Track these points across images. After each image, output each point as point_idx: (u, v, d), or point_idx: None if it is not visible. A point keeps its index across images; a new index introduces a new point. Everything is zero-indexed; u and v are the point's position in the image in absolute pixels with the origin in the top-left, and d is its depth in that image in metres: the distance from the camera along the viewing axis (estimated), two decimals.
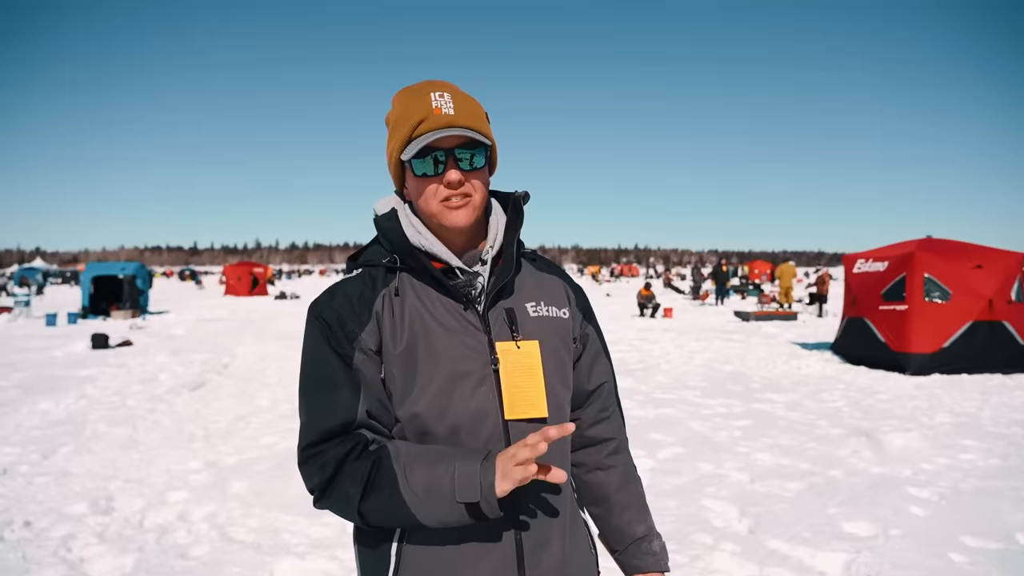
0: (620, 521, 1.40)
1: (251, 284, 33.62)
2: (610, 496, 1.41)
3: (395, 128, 1.24)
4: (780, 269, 24.05)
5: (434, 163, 1.21)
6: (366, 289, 1.25)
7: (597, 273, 62.10)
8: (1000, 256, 10.12)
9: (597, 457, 1.42)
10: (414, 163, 1.22)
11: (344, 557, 3.62)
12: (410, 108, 1.22)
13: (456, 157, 1.21)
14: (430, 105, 1.20)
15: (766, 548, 3.73)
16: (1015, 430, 6.44)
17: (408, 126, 1.20)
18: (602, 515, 1.42)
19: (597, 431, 1.43)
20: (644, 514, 1.42)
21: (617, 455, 1.44)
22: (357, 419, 1.17)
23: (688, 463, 5.34)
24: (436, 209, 1.23)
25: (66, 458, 5.48)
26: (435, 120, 1.19)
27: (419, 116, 1.20)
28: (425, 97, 1.21)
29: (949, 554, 3.63)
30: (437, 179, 1.22)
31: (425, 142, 1.19)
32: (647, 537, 1.39)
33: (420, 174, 1.22)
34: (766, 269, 49.97)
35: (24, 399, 7.85)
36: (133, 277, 21.31)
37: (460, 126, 1.19)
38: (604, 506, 1.42)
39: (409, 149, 1.21)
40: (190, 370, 10.08)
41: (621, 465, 1.43)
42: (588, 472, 1.43)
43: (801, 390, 8.61)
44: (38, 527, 4.02)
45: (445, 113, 1.19)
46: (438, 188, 1.22)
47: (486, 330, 1.24)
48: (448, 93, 1.22)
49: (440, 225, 1.25)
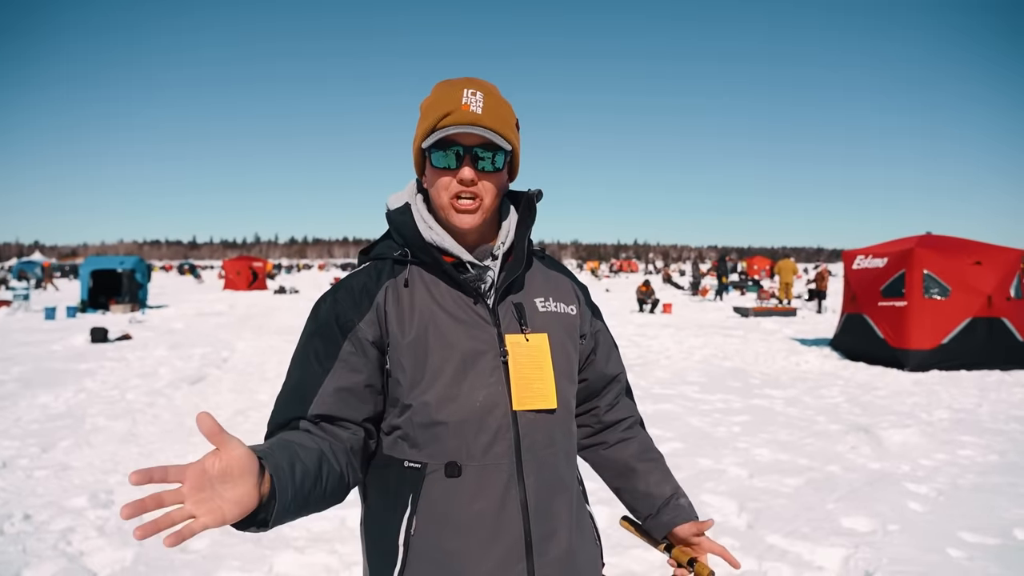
0: (646, 485, 1.43)
1: (250, 278, 33.57)
2: (633, 464, 1.45)
3: (424, 116, 1.26)
4: (779, 265, 24.08)
5: (451, 157, 1.22)
6: (369, 281, 1.27)
7: (596, 268, 62.13)
8: (999, 253, 10.13)
9: (616, 433, 1.48)
10: (432, 153, 1.24)
11: (344, 551, 3.63)
12: (441, 99, 1.24)
13: (474, 156, 1.23)
14: (460, 100, 1.22)
15: (765, 543, 3.74)
16: (1013, 426, 6.45)
17: (434, 116, 1.22)
18: (628, 486, 1.45)
19: (613, 414, 1.48)
20: (668, 476, 1.46)
21: (633, 428, 1.50)
22: (306, 416, 1.17)
23: (687, 458, 5.35)
24: (445, 203, 1.25)
25: (65, 452, 5.49)
26: (461, 115, 1.21)
27: (447, 108, 1.21)
28: (458, 92, 1.23)
29: (947, 549, 3.64)
30: (452, 173, 1.23)
31: (445, 134, 1.21)
32: (675, 495, 1.42)
33: (437, 166, 1.24)
34: (765, 265, 49.98)
35: (23, 393, 7.85)
36: (132, 271, 21.28)
37: (484, 126, 1.21)
38: (629, 476, 1.45)
39: (430, 139, 1.22)
40: (189, 364, 10.08)
41: (639, 436, 1.49)
42: (609, 448, 1.47)
43: (800, 386, 8.63)
44: (38, 520, 4.02)
45: (472, 111, 1.21)
46: (451, 182, 1.23)
47: (495, 323, 1.25)
48: (481, 92, 1.24)
49: (445, 222, 1.28)
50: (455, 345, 1.21)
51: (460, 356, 1.21)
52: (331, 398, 1.19)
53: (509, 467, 1.21)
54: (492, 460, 1.20)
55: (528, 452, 1.22)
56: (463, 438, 1.19)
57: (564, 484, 1.29)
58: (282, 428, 1.18)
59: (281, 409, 1.21)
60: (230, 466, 0.89)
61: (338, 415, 1.19)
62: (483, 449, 1.20)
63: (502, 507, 1.20)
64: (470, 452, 1.20)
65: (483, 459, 1.20)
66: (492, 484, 1.20)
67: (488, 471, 1.20)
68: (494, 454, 1.20)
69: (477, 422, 1.20)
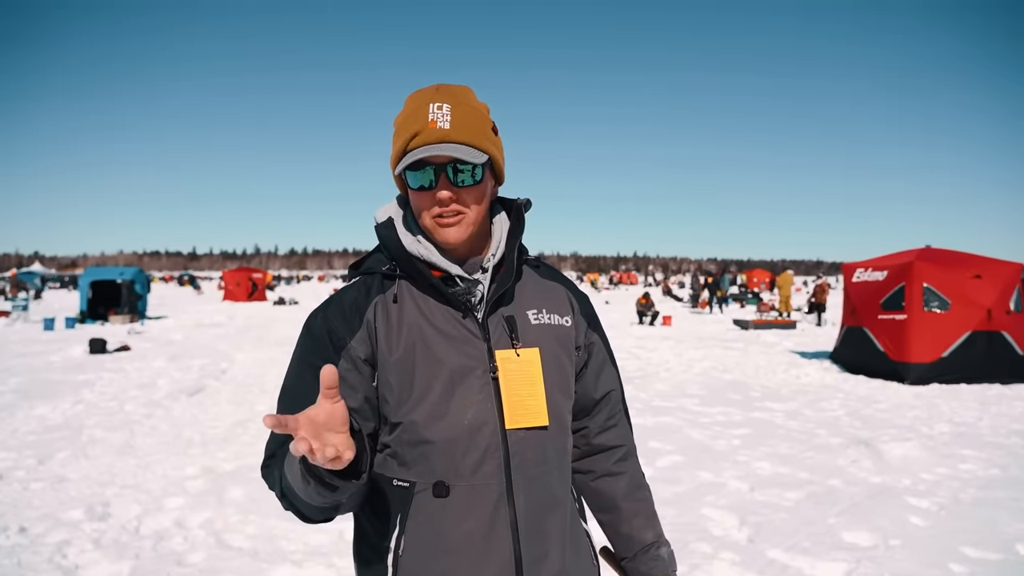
0: (629, 528, 1.39)
1: (250, 290, 33.59)
2: (619, 503, 1.40)
3: (395, 136, 1.24)
4: (781, 278, 24.13)
5: (427, 177, 1.20)
6: (360, 297, 1.25)
7: (596, 281, 62.16)
8: (999, 266, 10.14)
9: (605, 464, 1.42)
10: (408, 176, 1.22)
11: (341, 565, 3.60)
12: (409, 118, 1.21)
13: (448, 173, 1.20)
14: (427, 117, 1.18)
15: (766, 557, 3.72)
16: (1014, 440, 6.42)
17: (404, 138, 1.20)
18: (611, 522, 1.41)
19: (605, 439, 1.42)
20: (653, 521, 1.41)
21: (625, 462, 1.43)
22: None
23: (687, 471, 5.32)
24: (430, 224, 1.23)
25: (62, 463, 5.46)
26: (428, 134, 1.18)
27: (414, 128, 1.19)
28: (423, 109, 1.20)
29: (949, 564, 3.62)
30: (430, 193, 1.21)
31: (416, 157, 1.18)
32: (656, 543, 1.38)
33: (414, 187, 1.22)
34: (765, 278, 50.03)
35: (21, 404, 7.82)
36: (132, 282, 21.29)
37: (454, 141, 1.18)
38: (613, 513, 1.41)
39: (402, 162, 1.20)
40: (188, 375, 10.05)
41: (629, 472, 1.43)
42: (596, 479, 1.42)
43: (800, 399, 8.60)
44: (33, 533, 3.99)
45: (440, 127, 1.18)
46: (430, 202, 1.22)
47: (485, 338, 1.23)
48: (448, 104, 1.20)
49: (432, 239, 1.26)
50: (444, 361, 1.19)
51: (449, 373, 1.19)
52: None
53: (498, 486, 1.18)
54: (481, 480, 1.17)
55: (518, 471, 1.20)
56: (451, 457, 1.17)
57: (557, 502, 1.26)
58: (285, 443, 1.17)
59: None
60: (333, 415, 0.97)
61: None
62: (472, 468, 1.17)
63: (491, 528, 1.17)
64: (458, 471, 1.17)
65: (472, 478, 1.17)
66: (481, 504, 1.17)
67: (477, 491, 1.17)
68: (483, 473, 1.18)
69: (466, 440, 1.18)
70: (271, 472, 1.19)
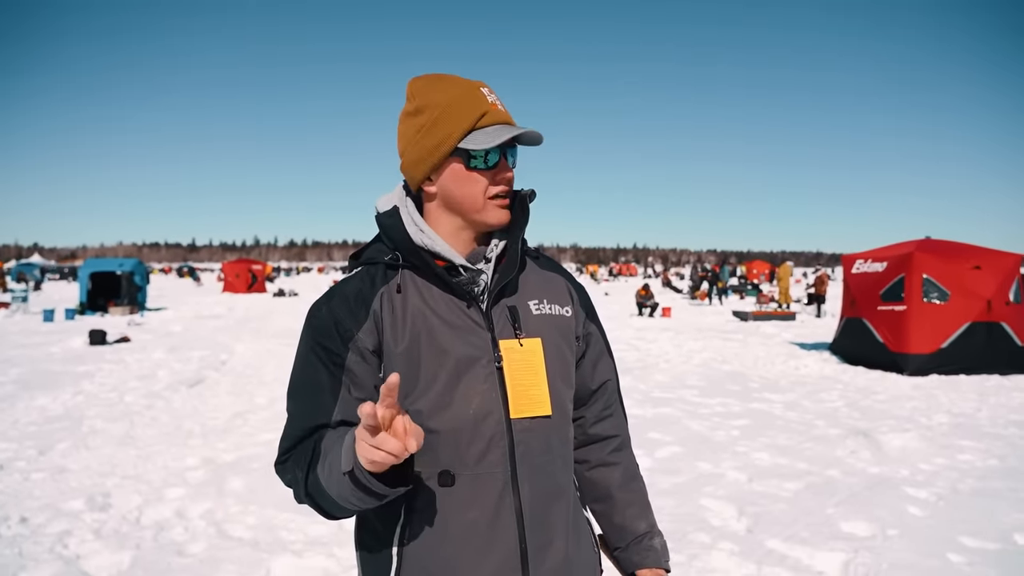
0: (622, 518, 1.40)
1: (249, 281, 33.55)
2: (613, 493, 1.40)
3: (447, 117, 1.19)
4: (780, 269, 24.14)
5: (493, 157, 1.20)
6: (364, 287, 1.24)
7: (596, 272, 62.14)
8: (998, 257, 10.14)
9: (600, 454, 1.42)
10: (473, 154, 1.19)
11: (341, 555, 3.62)
12: (467, 99, 1.19)
13: (509, 154, 1.23)
14: (487, 99, 1.20)
15: (764, 548, 3.73)
16: (1012, 431, 6.44)
17: (470, 117, 1.18)
18: (604, 512, 1.42)
19: (600, 428, 1.42)
20: (646, 511, 1.42)
21: (620, 452, 1.43)
22: (331, 423, 1.16)
23: (686, 462, 5.34)
24: (483, 203, 1.22)
25: (63, 454, 5.47)
26: (496, 115, 1.19)
27: (481, 108, 1.18)
28: (476, 90, 1.20)
29: (947, 554, 3.63)
30: (490, 173, 1.21)
31: (501, 140, 1.16)
32: (649, 534, 1.39)
33: (478, 167, 1.20)
34: (764, 269, 50.01)
35: (21, 395, 7.84)
36: (131, 273, 21.27)
37: (526, 129, 1.20)
38: (607, 503, 1.41)
39: (475, 139, 1.17)
40: (188, 367, 10.06)
41: (624, 462, 1.43)
42: (591, 469, 1.42)
43: (799, 390, 8.62)
44: (34, 523, 4.01)
45: (500, 109, 1.21)
46: (489, 184, 1.21)
47: (489, 328, 1.22)
48: (492, 91, 1.23)
49: (476, 222, 1.24)
50: (449, 351, 1.19)
51: (454, 362, 1.18)
52: (352, 404, 1.17)
53: (503, 475, 1.18)
54: (486, 469, 1.17)
55: (523, 460, 1.20)
56: (456, 446, 1.17)
57: (561, 491, 1.26)
58: (304, 439, 1.16)
59: (300, 419, 1.18)
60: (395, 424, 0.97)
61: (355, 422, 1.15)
62: (476, 457, 1.17)
63: (496, 516, 1.17)
64: (463, 460, 1.17)
65: (476, 468, 1.17)
66: (486, 493, 1.17)
67: (482, 480, 1.17)
68: (488, 462, 1.18)
69: (471, 430, 1.17)
70: (289, 469, 1.17)
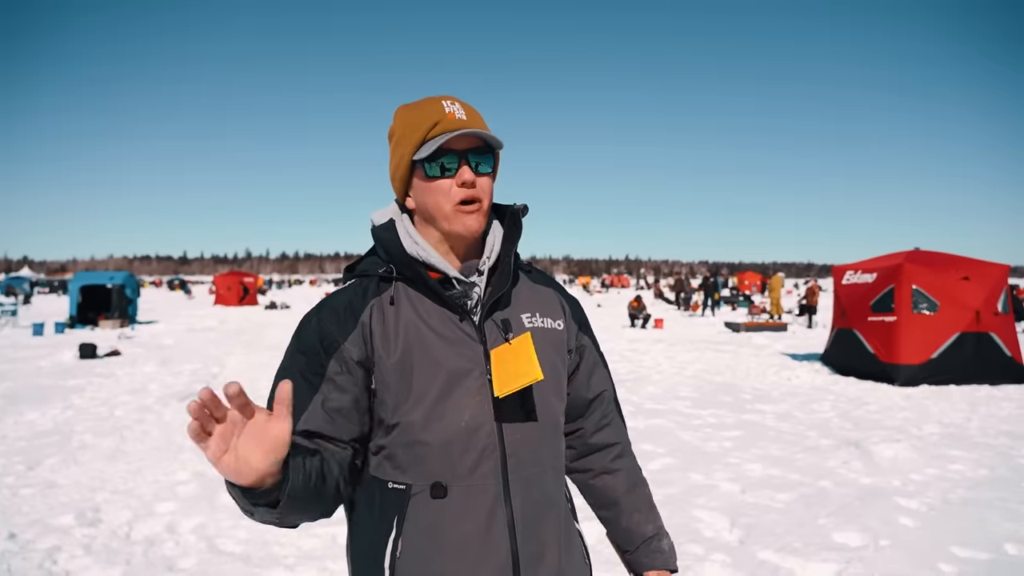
0: (629, 522, 1.42)
1: (241, 294, 33.43)
2: (619, 499, 1.43)
3: (405, 133, 1.25)
4: (771, 281, 24.27)
5: (448, 164, 1.22)
6: (355, 299, 1.25)
7: (588, 284, 62.23)
8: (987, 268, 10.23)
9: (602, 462, 1.44)
10: (427, 165, 1.22)
11: (334, 568, 3.60)
12: (422, 114, 1.23)
13: (469, 160, 1.23)
14: (443, 110, 1.22)
15: (757, 559, 3.74)
16: (1003, 441, 6.48)
17: (422, 129, 1.22)
18: (612, 518, 1.44)
19: (600, 437, 1.44)
20: (653, 514, 1.44)
21: (622, 459, 1.46)
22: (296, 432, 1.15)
23: (679, 473, 5.34)
24: (448, 211, 1.23)
25: (52, 469, 5.42)
26: (449, 123, 1.21)
27: (433, 119, 1.21)
28: (437, 104, 1.24)
29: (938, 564, 3.65)
30: (450, 179, 1.22)
31: (440, 143, 1.19)
32: (656, 536, 1.41)
33: (433, 175, 1.23)
34: (756, 280, 50.21)
35: (10, 409, 7.77)
36: (122, 286, 21.14)
37: (472, 129, 1.21)
38: (613, 509, 1.43)
39: (423, 150, 1.21)
40: (179, 380, 10.01)
41: (626, 468, 1.46)
42: (595, 477, 1.45)
43: (791, 401, 8.65)
44: (23, 539, 3.97)
45: (458, 117, 1.22)
46: (451, 189, 1.22)
47: (481, 340, 1.24)
48: (458, 102, 1.26)
49: (449, 232, 1.25)
50: (442, 364, 1.20)
51: (446, 375, 1.20)
52: (319, 416, 1.17)
53: (495, 487, 1.19)
54: (478, 480, 1.18)
55: (515, 471, 1.21)
56: (449, 458, 1.18)
57: (552, 503, 1.27)
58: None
59: None
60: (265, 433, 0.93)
61: (327, 433, 1.17)
62: (469, 469, 1.18)
63: (488, 528, 1.18)
64: (456, 472, 1.18)
65: (469, 479, 1.18)
66: (478, 505, 1.18)
67: (474, 491, 1.18)
68: (480, 474, 1.19)
69: (463, 441, 1.18)
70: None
